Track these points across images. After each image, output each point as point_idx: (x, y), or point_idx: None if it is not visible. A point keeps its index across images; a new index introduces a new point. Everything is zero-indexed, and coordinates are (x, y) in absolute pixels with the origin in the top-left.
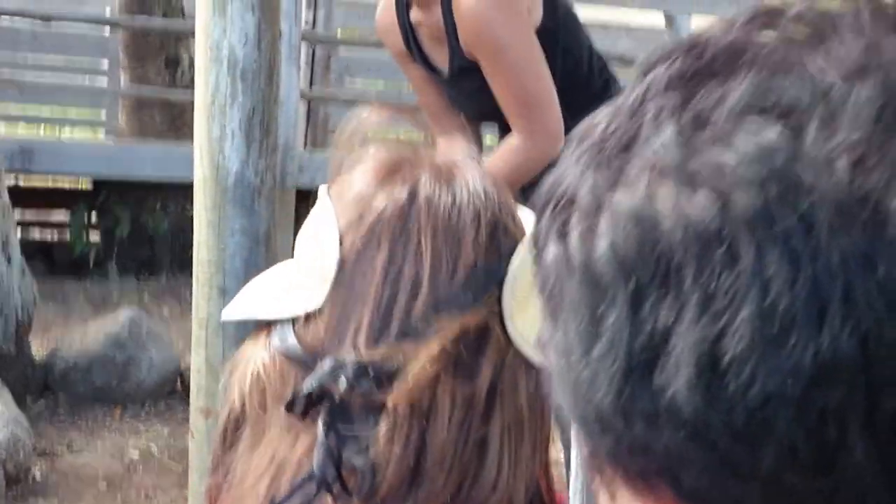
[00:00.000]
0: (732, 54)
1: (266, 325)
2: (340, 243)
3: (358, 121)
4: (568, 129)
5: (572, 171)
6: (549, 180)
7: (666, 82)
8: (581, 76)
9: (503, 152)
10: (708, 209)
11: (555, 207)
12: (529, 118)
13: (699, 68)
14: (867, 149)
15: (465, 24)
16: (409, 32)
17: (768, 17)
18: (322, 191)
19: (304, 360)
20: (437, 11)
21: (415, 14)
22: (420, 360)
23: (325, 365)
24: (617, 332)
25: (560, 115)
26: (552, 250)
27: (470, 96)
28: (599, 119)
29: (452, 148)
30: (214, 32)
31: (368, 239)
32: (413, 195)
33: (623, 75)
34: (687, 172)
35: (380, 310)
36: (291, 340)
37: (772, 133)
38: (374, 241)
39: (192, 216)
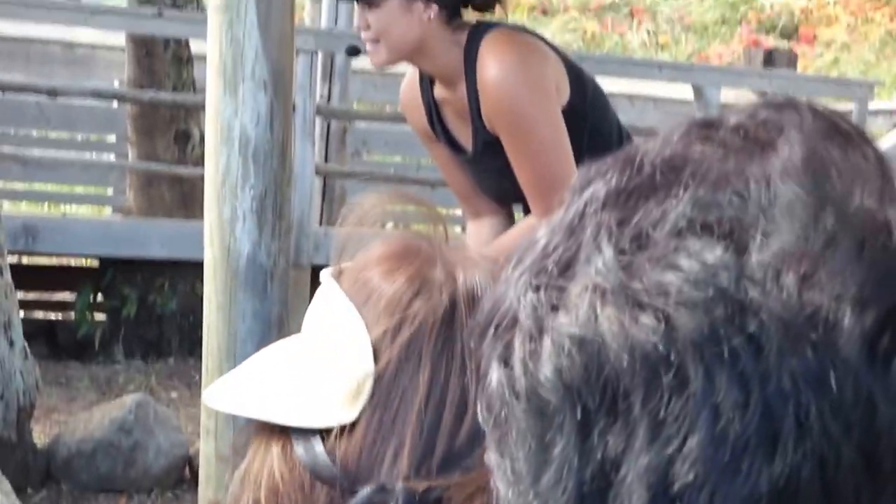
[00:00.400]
0: (671, 169)
1: (279, 429)
2: (375, 357)
3: (365, 206)
4: None
5: (513, 292)
6: (490, 300)
7: (604, 199)
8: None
9: (519, 232)
10: (653, 332)
11: (496, 329)
12: (550, 201)
13: (637, 185)
14: (812, 262)
15: (489, 98)
16: (432, 110)
17: (706, 129)
18: (328, 277)
19: (337, 480)
20: (462, 88)
21: (439, 91)
22: (466, 490)
23: (368, 491)
24: (566, 460)
25: None
26: (496, 375)
27: (493, 175)
28: (539, 236)
29: (461, 245)
30: (225, 112)
31: (408, 354)
32: (454, 305)
33: None
34: (629, 295)
35: (423, 434)
36: (322, 457)
37: (715, 251)
38: (414, 357)
39: (201, 296)
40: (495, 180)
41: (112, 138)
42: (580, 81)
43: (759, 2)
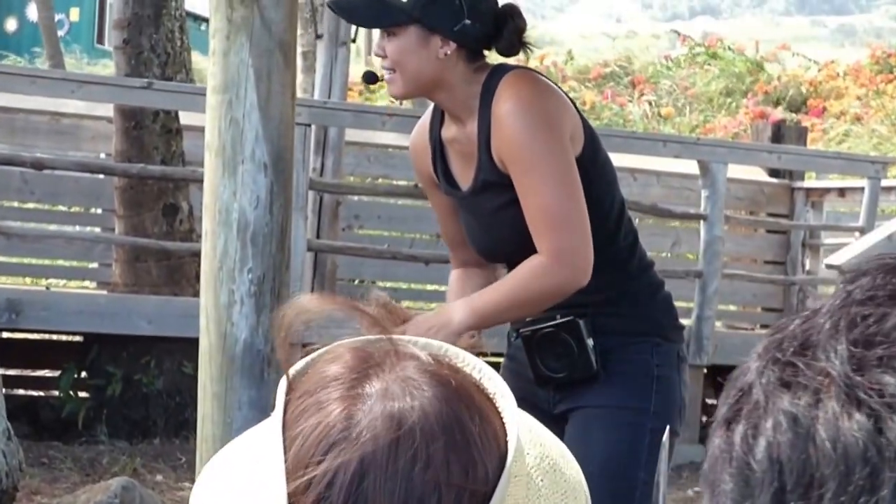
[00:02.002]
0: None
1: None
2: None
3: (305, 309)
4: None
5: (756, 363)
6: (739, 368)
7: (862, 297)
8: (605, 232)
9: (521, 273)
10: (860, 429)
11: (734, 396)
12: (558, 239)
13: (892, 289)
14: None
15: (503, 128)
16: (437, 151)
17: None
18: (283, 383)
19: None
20: (473, 124)
21: (447, 131)
22: None
23: None
24: None
25: (591, 251)
26: (719, 436)
27: (484, 218)
28: (799, 315)
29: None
30: (224, 194)
31: None
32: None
33: (658, 226)
34: (851, 388)
35: None
36: None
37: None
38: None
39: (189, 374)
40: (485, 225)
41: (98, 211)
42: (594, 143)
43: (766, 73)
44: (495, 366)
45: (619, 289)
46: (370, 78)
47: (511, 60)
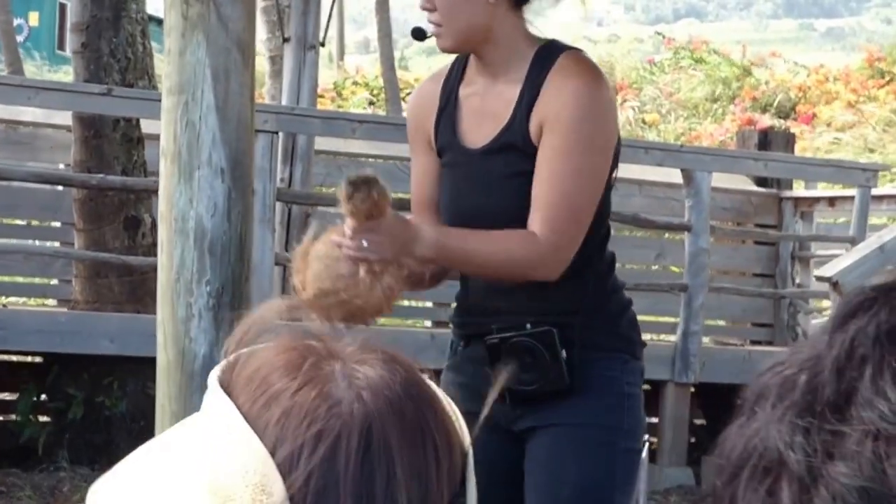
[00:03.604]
0: None
1: None
2: (285, 483)
3: (259, 315)
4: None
5: (775, 433)
6: (743, 437)
7: (875, 336)
8: (596, 242)
9: (510, 235)
10: None
11: (755, 471)
12: (563, 229)
13: None
14: None
15: (564, 100)
16: (448, 104)
17: None
18: (214, 384)
19: None
20: (512, 84)
21: (467, 87)
22: None
23: None
24: None
25: (575, 249)
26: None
27: (493, 180)
28: (792, 369)
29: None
30: (180, 201)
31: (326, 476)
32: (367, 418)
33: (641, 237)
34: None
35: None
36: None
37: None
38: (332, 480)
39: (153, 396)
40: (485, 188)
41: (57, 224)
42: (616, 157)
43: (754, 78)
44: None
45: (595, 301)
46: (419, 34)
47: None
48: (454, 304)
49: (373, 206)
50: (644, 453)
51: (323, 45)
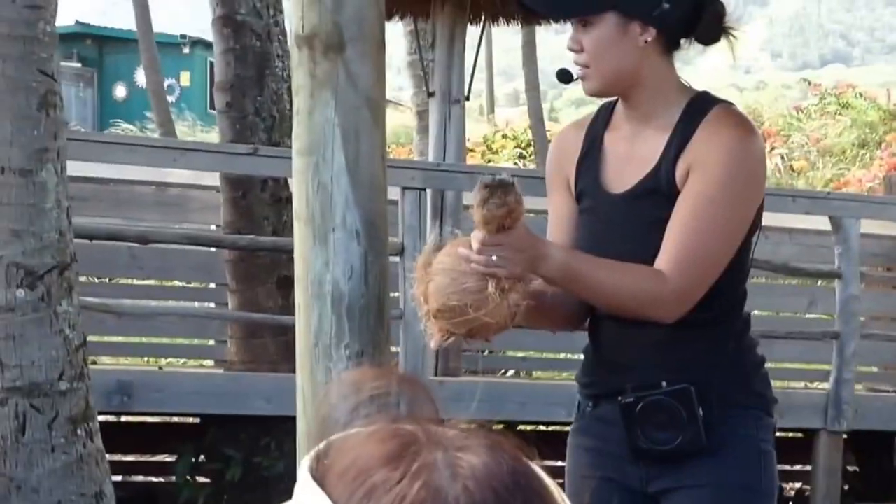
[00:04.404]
0: None
1: None
2: None
3: (346, 385)
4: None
5: None
6: None
7: None
8: (735, 298)
9: (637, 269)
10: None
11: None
12: (690, 276)
13: None
14: None
15: (714, 145)
16: (591, 148)
17: None
18: (307, 477)
19: None
20: (660, 131)
21: (613, 132)
22: None
23: None
24: None
25: (697, 298)
26: None
27: (635, 226)
28: None
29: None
30: (316, 264)
31: None
32: None
33: (793, 285)
34: None
35: None
36: None
37: None
38: None
39: None
40: (626, 234)
41: (212, 285)
42: (761, 212)
43: None
44: (558, 434)
45: (732, 358)
46: (565, 76)
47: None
48: (582, 361)
49: (508, 213)
50: None
51: (468, 98)
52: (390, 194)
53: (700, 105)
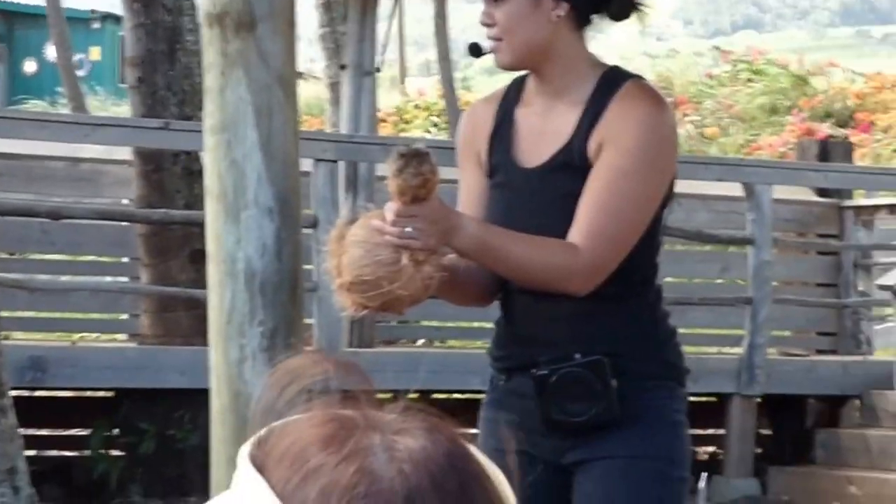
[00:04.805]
0: None
1: None
2: None
3: (285, 373)
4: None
5: None
6: None
7: None
8: (648, 271)
9: (551, 242)
10: None
11: None
12: (604, 249)
13: None
14: None
15: (627, 120)
16: (503, 124)
17: None
18: (246, 462)
19: None
20: (573, 106)
21: (525, 107)
22: None
23: None
24: None
25: (609, 271)
26: None
27: (548, 200)
28: None
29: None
30: (228, 242)
31: None
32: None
33: (706, 252)
34: None
35: None
36: None
37: None
38: None
39: None
40: (537, 208)
41: (124, 259)
42: (673, 183)
43: (812, 88)
44: (473, 402)
45: (644, 330)
46: (475, 50)
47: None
48: (494, 335)
49: (422, 183)
50: (702, 482)
51: (379, 70)
52: (303, 166)
53: (612, 79)
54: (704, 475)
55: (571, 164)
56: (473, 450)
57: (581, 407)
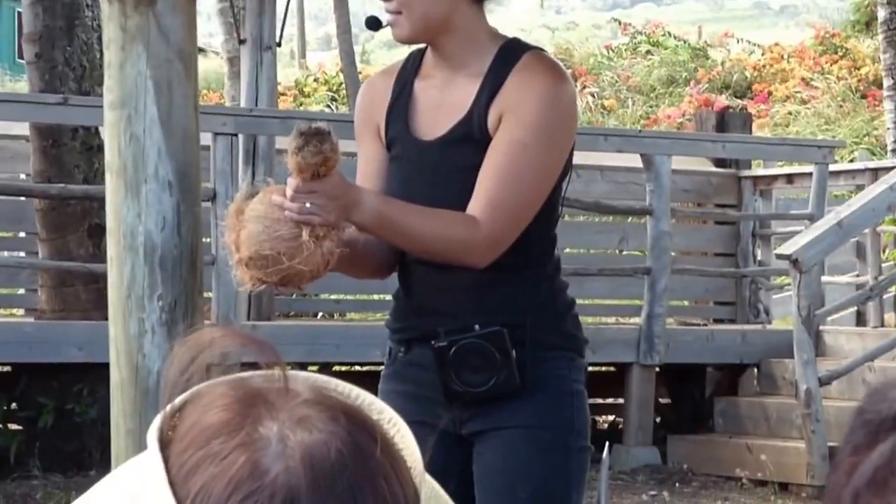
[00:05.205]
0: None
1: None
2: None
3: (191, 347)
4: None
5: None
6: None
7: None
8: (547, 242)
9: (450, 215)
10: None
11: None
12: (503, 222)
13: None
14: None
15: (526, 92)
16: (402, 95)
17: None
18: (153, 441)
19: None
20: (472, 78)
21: (424, 80)
22: None
23: None
24: None
25: (509, 243)
26: None
27: (446, 172)
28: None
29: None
30: (128, 217)
31: None
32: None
33: (604, 223)
34: None
35: None
36: None
37: None
38: None
39: None
40: (437, 181)
41: (22, 234)
42: (571, 155)
43: (710, 59)
44: (373, 374)
45: (543, 301)
46: (373, 23)
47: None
48: (392, 307)
49: (323, 161)
50: (605, 453)
51: (280, 44)
52: (202, 140)
53: (511, 51)
54: (608, 445)
55: (471, 137)
56: (378, 437)
57: (481, 378)
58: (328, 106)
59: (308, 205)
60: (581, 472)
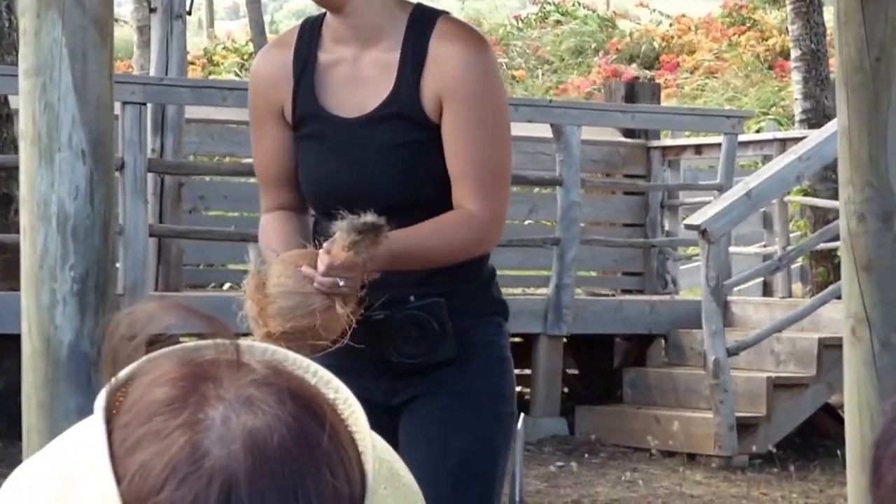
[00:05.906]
0: None
1: None
2: None
3: (140, 317)
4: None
5: None
6: None
7: None
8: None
9: (447, 222)
10: None
11: None
12: (499, 202)
13: None
14: None
15: (456, 67)
16: (304, 72)
17: None
18: (99, 411)
19: None
20: (388, 51)
21: (329, 53)
22: None
23: None
24: None
25: (506, 214)
26: None
27: (373, 152)
28: None
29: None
30: (41, 185)
31: None
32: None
33: (514, 193)
34: None
35: None
36: None
37: None
38: None
39: None
40: (362, 160)
41: None
42: None
43: (618, 30)
44: None
45: (473, 268)
46: None
47: None
48: None
49: (370, 258)
50: (520, 421)
51: (189, 13)
52: None
53: (421, 18)
54: (522, 416)
55: (402, 114)
56: (327, 422)
57: (418, 349)
58: (237, 74)
59: (341, 283)
60: (507, 439)
